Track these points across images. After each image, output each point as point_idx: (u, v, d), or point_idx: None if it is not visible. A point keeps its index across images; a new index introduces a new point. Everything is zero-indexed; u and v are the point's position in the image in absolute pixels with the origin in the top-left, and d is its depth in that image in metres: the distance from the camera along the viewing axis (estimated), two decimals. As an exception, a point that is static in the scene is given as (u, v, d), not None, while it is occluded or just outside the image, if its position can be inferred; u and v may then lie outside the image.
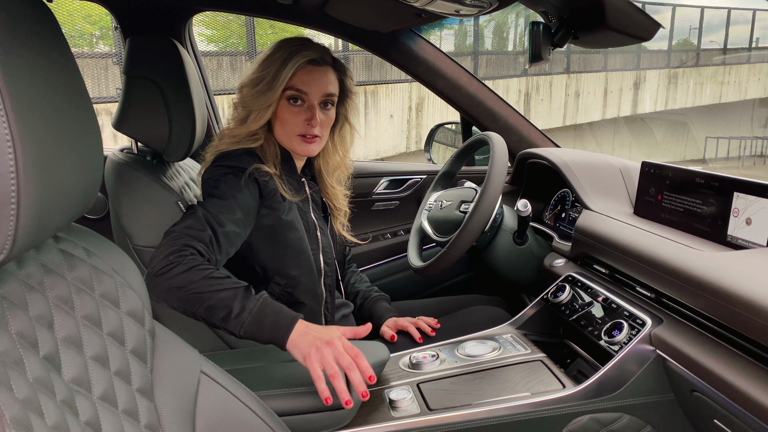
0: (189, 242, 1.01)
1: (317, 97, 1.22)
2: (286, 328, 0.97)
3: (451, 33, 11.88)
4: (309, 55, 1.19)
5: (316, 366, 0.93)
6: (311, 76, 1.20)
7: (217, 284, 0.98)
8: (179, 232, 1.02)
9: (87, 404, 0.58)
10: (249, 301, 0.98)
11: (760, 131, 14.32)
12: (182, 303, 0.98)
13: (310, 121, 1.22)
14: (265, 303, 0.99)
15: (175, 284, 0.96)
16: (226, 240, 1.09)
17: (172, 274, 0.96)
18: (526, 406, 1.02)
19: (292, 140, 1.24)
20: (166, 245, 1.00)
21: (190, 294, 0.96)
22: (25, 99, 0.48)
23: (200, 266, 0.99)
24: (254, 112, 1.20)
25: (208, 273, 0.98)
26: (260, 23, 7.89)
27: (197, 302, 0.97)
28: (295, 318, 0.99)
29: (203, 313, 0.97)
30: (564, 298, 1.27)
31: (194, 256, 1.00)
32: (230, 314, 0.96)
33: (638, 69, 13.87)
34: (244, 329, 0.97)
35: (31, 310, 0.56)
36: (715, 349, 0.91)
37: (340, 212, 1.41)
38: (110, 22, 6.40)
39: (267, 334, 0.97)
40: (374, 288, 1.52)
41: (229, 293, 0.98)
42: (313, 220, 1.29)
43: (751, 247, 1.02)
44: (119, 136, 1.28)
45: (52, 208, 0.53)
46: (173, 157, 1.27)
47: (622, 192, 1.44)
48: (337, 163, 1.37)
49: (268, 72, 1.19)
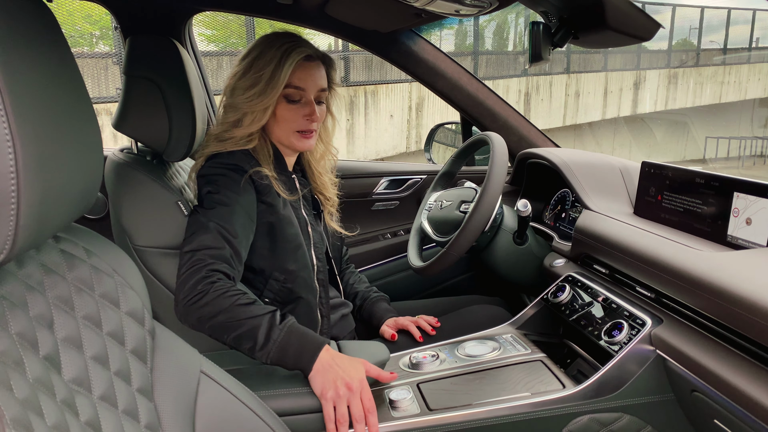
0: (214, 266, 1.02)
1: (313, 93, 1.23)
2: (309, 359, 0.98)
3: (451, 33, 11.88)
4: (304, 51, 1.19)
5: (330, 406, 0.96)
6: (307, 72, 1.21)
7: (244, 313, 0.99)
8: (201, 256, 1.03)
9: (87, 404, 0.58)
10: (273, 331, 0.99)
11: (760, 131, 14.32)
12: (212, 332, 1.00)
13: (309, 117, 1.22)
14: (290, 332, 1.00)
15: (204, 314, 0.98)
16: (243, 249, 1.11)
17: (202, 304, 0.98)
18: (526, 406, 1.02)
19: (290, 137, 1.24)
20: (192, 272, 1.01)
21: (219, 324, 0.98)
22: (25, 99, 0.48)
23: (228, 293, 0.99)
24: (250, 114, 1.19)
25: (236, 300, 0.99)
26: (260, 23, 7.88)
27: (225, 332, 0.99)
28: (319, 347, 1.00)
29: (231, 342, 0.99)
30: (564, 298, 1.27)
31: (222, 281, 1.01)
32: (255, 345, 0.98)
33: (638, 69, 13.86)
34: (271, 359, 0.99)
35: (31, 310, 0.56)
36: (715, 349, 0.91)
37: (330, 202, 1.42)
38: (110, 22, 6.39)
39: (291, 363, 0.99)
40: (373, 288, 1.52)
41: (256, 321, 0.99)
42: (304, 216, 1.29)
43: (751, 247, 1.02)
44: (119, 136, 1.28)
45: (52, 208, 0.53)
46: (173, 157, 1.27)
47: (622, 192, 1.44)
48: (322, 152, 1.39)
49: (263, 73, 1.17)
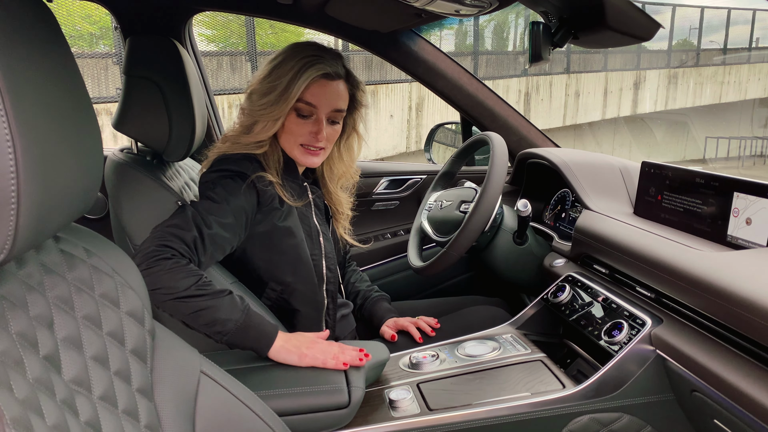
0: (169, 242, 1.00)
1: (326, 111, 1.19)
2: (268, 339, 1.01)
3: (451, 33, 11.89)
4: (323, 69, 1.15)
5: (317, 355, 1.01)
6: (323, 90, 1.17)
7: (203, 291, 0.98)
8: (163, 231, 1.02)
9: (87, 404, 0.58)
10: (234, 312, 1.00)
11: (760, 131, 14.31)
12: (169, 309, 0.98)
13: (316, 135, 1.19)
14: (249, 314, 1.01)
15: (156, 286, 0.95)
16: (212, 243, 1.06)
17: (154, 274, 0.95)
18: (526, 406, 1.02)
19: (294, 150, 1.22)
20: (148, 242, 1.00)
21: (174, 299, 0.96)
22: (25, 99, 0.48)
23: (180, 270, 0.98)
24: (261, 122, 1.17)
25: (193, 281, 0.98)
26: (260, 23, 7.89)
27: (182, 308, 0.97)
28: (275, 329, 1.03)
29: (190, 320, 0.99)
30: (564, 298, 1.27)
31: (175, 258, 0.99)
32: (215, 322, 0.98)
33: (638, 69, 13.86)
34: (228, 337, 0.99)
35: (31, 310, 0.56)
36: (715, 349, 0.91)
37: (343, 216, 1.39)
38: (110, 22, 6.40)
39: (250, 343, 1.01)
40: (374, 288, 1.52)
41: (215, 302, 0.99)
42: (316, 225, 1.26)
43: (751, 247, 1.02)
44: (119, 136, 1.28)
45: (52, 207, 0.53)
46: (173, 157, 1.27)
47: (622, 192, 1.44)
48: (342, 171, 1.35)
49: (280, 83, 1.15)
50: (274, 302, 1.24)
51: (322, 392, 0.98)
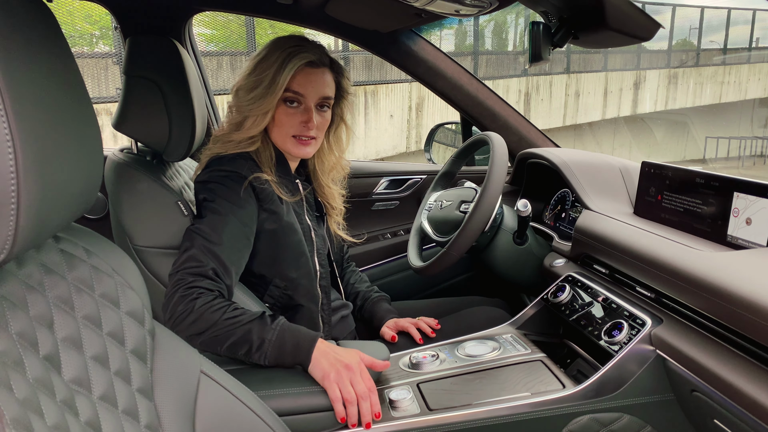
0: (194, 283, 1.01)
1: (314, 100, 1.21)
2: (306, 351, 1.00)
3: (451, 33, 11.88)
4: (307, 57, 1.17)
5: (335, 387, 0.97)
6: (309, 78, 1.19)
7: (232, 322, 0.99)
8: (181, 275, 1.02)
9: (87, 404, 0.58)
10: (266, 332, 1.00)
11: (760, 131, 14.32)
12: (205, 346, 1.00)
13: (306, 124, 1.20)
14: (282, 329, 1.01)
15: (193, 331, 0.98)
16: (231, 259, 1.08)
17: (189, 322, 0.98)
18: (526, 406, 1.02)
19: (287, 141, 1.23)
20: (173, 292, 1.00)
21: (210, 338, 0.98)
22: (25, 99, 0.48)
23: (212, 308, 0.99)
24: (251, 117, 1.18)
25: (222, 313, 0.99)
26: (260, 23, 7.88)
27: (217, 344, 0.99)
28: (314, 339, 1.02)
29: (226, 351, 1.00)
30: (564, 298, 1.26)
31: (203, 297, 1.00)
32: (251, 348, 0.99)
33: (638, 69, 13.86)
34: (268, 359, 1.00)
35: (31, 310, 0.56)
36: (715, 349, 0.91)
37: (336, 211, 1.40)
38: (110, 22, 6.39)
39: (290, 360, 1.01)
40: (374, 288, 1.52)
41: (247, 327, 0.99)
42: (307, 222, 1.28)
43: (751, 247, 1.02)
44: (119, 136, 1.28)
45: (52, 207, 0.53)
46: (173, 157, 1.27)
47: (622, 192, 1.44)
48: (333, 163, 1.36)
49: (265, 76, 1.16)
50: (277, 299, 1.24)
51: (322, 392, 0.99)
